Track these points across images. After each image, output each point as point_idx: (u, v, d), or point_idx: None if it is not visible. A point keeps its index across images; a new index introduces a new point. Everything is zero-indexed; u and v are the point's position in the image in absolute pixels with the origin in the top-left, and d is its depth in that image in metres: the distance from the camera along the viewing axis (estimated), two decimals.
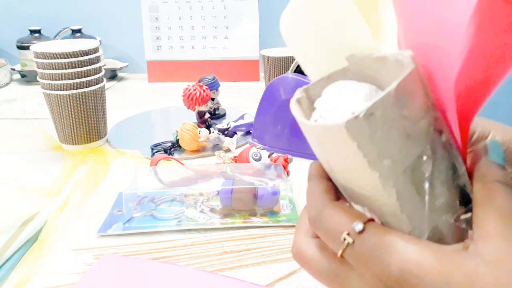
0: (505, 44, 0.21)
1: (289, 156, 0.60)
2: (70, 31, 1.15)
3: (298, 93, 0.27)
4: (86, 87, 0.68)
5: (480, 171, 0.25)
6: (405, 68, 0.22)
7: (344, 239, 0.24)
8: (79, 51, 0.66)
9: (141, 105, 0.97)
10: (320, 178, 0.27)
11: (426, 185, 0.24)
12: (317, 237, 0.27)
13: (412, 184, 0.24)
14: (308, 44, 0.28)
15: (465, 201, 0.25)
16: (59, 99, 0.67)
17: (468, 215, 0.25)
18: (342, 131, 0.22)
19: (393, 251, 0.23)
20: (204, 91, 0.75)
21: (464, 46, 0.20)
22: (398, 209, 0.24)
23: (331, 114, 0.24)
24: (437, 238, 0.24)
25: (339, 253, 0.24)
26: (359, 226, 0.24)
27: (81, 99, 0.68)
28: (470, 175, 0.26)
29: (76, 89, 0.67)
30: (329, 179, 0.27)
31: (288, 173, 0.60)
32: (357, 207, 0.26)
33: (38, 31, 1.15)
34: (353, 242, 0.24)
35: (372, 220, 0.24)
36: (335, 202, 0.26)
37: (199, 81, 0.81)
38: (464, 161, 0.26)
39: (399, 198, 0.24)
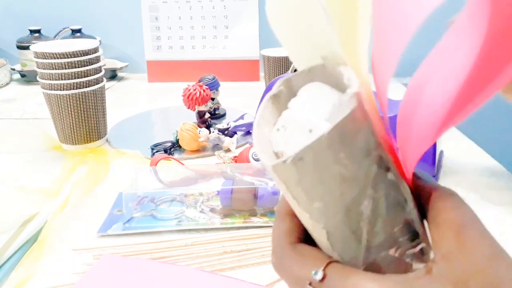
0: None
1: None
2: (70, 31, 1.15)
3: (276, 87, 0.26)
4: (86, 87, 0.68)
5: (425, 191, 0.25)
6: (344, 109, 0.21)
7: None
8: (79, 51, 0.66)
9: (141, 105, 0.97)
10: (283, 216, 0.26)
11: (363, 224, 0.23)
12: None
13: (347, 224, 0.23)
14: (289, 34, 0.27)
15: (413, 235, 0.24)
16: (59, 99, 0.67)
17: (416, 249, 0.24)
18: (272, 171, 0.22)
19: None
20: (204, 91, 0.75)
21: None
22: (329, 247, 0.24)
23: (290, 128, 0.23)
24: (374, 271, 0.24)
25: None
26: (319, 275, 0.23)
27: (81, 99, 0.68)
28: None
29: (76, 89, 0.67)
30: (295, 216, 0.26)
31: None
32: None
33: (38, 31, 1.15)
34: None
35: (332, 262, 0.24)
36: (294, 246, 0.25)
37: (199, 81, 0.81)
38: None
39: (329, 238, 0.23)
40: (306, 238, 0.26)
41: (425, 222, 0.25)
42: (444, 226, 0.23)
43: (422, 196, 0.25)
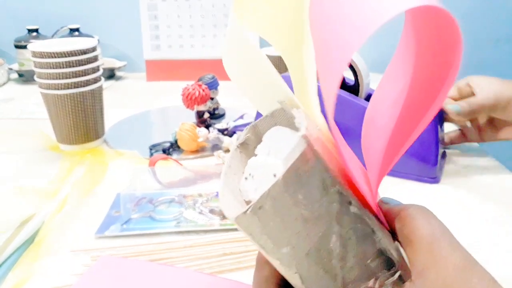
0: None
1: None
2: (68, 30, 1.15)
3: (244, 135, 0.26)
4: (84, 87, 0.67)
5: (395, 214, 0.25)
6: (294, 153, 0.22)
7: None
8: (77, 50, 0.66)
9: (139, 104, 0.96)
10: (263, 264, 0.27)
11: (335, 262, 0.23)
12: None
13: (318, 264, 0.23)
14: (247, 84, 0.29)
15: (389, 264, 0.24)
16: (56, 99, 0.67)
17: (395, 277, 0.24)
18: (235, 223, 0.22)
19: None
20: (203, 90, 0.75)
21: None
22: None
23: (257, 175, 0.24)
24: None
25: None
26: None
27: (78, 99, 0.67)
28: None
29: (74, 88, 0.67)
30: None
31: None
32: None
33: (36, 30, 1.14)
34: None
35: None
36: None
37: (198, 80, 0.80)
38: (383, 222, 0.26)
39: (304, 281, 0.24)
40: (285, 284, 0.26)
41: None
42: (416, 243, 0.23)
43: (393, 219, 0.25)
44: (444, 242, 0.23)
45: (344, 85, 0.60)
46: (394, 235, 0.26)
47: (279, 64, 0.98)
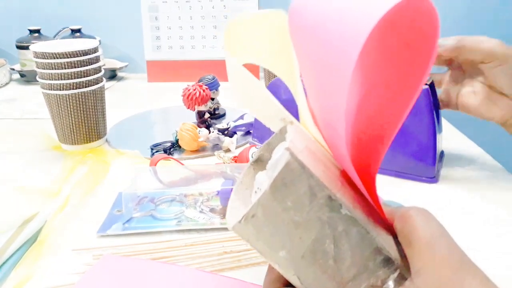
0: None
1: None
2: (70, 31, 1.15)
3: (258, 153, 0.28)
4: (86, 87, 0.68)
5: (395, 215, 0.27)
6: (279, 164, 0.23)
7: None
8: (79, 51, 0.66)
9: (140, 105, 0.97)
10: (271, 268, 0.28)
11: (332, 262, 0.24)
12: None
13: (315, 266, 0.24)
14: (253, 107, 0.32)
15: (388, 262, 0.25)
16: (58, 99, 0.67)
17: (395, 275, 0.25)
18: (234, 232, 0.24)
19: None
20: (204, 90, 0.75)
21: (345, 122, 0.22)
22: None
23: (262, 188, 0.25)
24: None
25: None
26: None
27: (80, 99, 0.68)
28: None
29: (76, 89, 0.67)
30: None
31: None
32: None
33: (38, 31, 1.15)
34: None
35: None
36: None
37: (199, 81, 0.81)
38: (380, 220, 0.27)
39: (303, 283, 0.25)
40: (291, 286, 0.27)
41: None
42: (415, 244, 0.24)
43: (394, 220, 0.27)
44: (442, 243, 0.24)
45: None
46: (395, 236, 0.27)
47: None
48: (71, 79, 0.66)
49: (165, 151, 0.69)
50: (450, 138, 0.72)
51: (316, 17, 0.23)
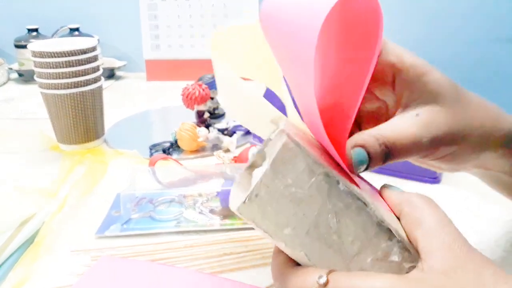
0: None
1: None
2: (68, 30, 1.15)
3: (251, 158, 0.29)
4: (84, 86, 0.67)
5: (395, 199, 0.28)
6: (277, 145, 0.25)
7: None
8: (77, 49, 0.66)
9: (139, 104, 0.96)
10: (277, 252, 0.29)
11: (336, 237, 0.26)
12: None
13: (320, 241, 0.26)
14: (242, 114, 0.34)
15: (391, 235, 0.26)
16: (56, 99, 0.67)
17: (399, 247, 0.26)
18: (239, 214, 0.26)
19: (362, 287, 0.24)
20: (203, 90, 0.74)
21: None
22: (315, 266, 0.26)
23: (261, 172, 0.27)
24: None
25: None
26: (323, 279, 0.25)
27: (78, 99, 0.67)
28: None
29: (74, 88, 0.67)
30: None
31: None
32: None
33: (36, 30, 1.14)
34: None
35: (334, 271, 0.26)
36: (294, 268, 0.27)
37: (198, 80, 0.80)
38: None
39: (310, 258, 0.26)
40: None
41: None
42: (426, 227, 0.25)
43: (397, 203, 0.28)
44: (452, 227, 0.25)
45: None
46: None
47: None
48: (69, 78, 0.66)
49: (164, 151, 0.68)
50: None
51: (280, 14, 0.26)
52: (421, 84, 0.29)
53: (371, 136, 0.28)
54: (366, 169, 0.28)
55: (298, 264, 0.27)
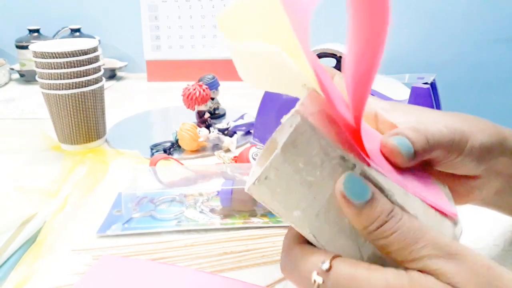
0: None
1: None
2: (69, 31, 1.15)
3: (261, 151, 0.29)
4: (85, 87, 0.68)
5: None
6: (289, 127, 0.24)
7: (315, 280, 0.25)
8: (78, 50, 0.66)
9: (140, 104, 0.96)
10: (290, 227, 0.28)
11: (346, 221, 0.25)
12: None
13: (331, 225, 0.25)
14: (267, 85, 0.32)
15: None
16: (58, 99, 0.67)
17: None
18: (250, 194, 0.26)
19: (361, 283, 0.24)
20: (203, 90, 0.75)
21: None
22: (323, 248, 0.26)
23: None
24: (377, 263, 0.25)
25: None
26: (325, 265, 0.25)
27: (80, 99, 0.68)
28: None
29: (75, 88, 0.67)
30: None
31: None
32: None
33: (37, 31, 1.15)
34: (323, 282, 0.24)
35: (338, 256, 0.25)
36: (301, 245, 0.27)
37: (199, 81, 0.81)
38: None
39: (319, 240, 0.26)
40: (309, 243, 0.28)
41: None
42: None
43: None
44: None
45: None
46: None
47: None
48: (71, 78, 0.66)
49: (165, 151, 0.69)
50: None
51: None
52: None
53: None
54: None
55: (308, 241, 0.27)
